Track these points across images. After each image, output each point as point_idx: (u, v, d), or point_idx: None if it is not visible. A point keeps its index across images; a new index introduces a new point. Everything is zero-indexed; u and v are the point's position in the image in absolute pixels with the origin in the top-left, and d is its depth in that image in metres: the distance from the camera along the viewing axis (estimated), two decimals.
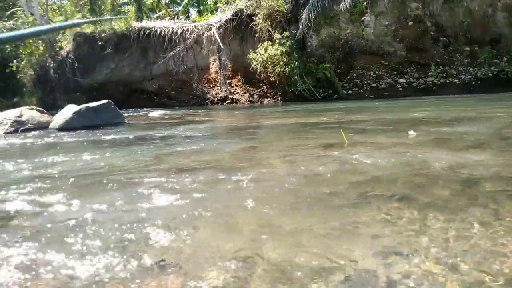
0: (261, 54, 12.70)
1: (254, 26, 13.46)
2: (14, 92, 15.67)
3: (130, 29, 14.54)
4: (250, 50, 13.22)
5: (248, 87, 14.26)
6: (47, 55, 14.93)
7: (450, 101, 8.69)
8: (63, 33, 15.11)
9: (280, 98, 13.36)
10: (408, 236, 1.39)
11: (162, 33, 14.33)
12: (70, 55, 14.66)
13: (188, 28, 14.32)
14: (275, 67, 12.44)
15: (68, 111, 6.50)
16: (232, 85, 14.53)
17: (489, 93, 9.78)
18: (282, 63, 12.35)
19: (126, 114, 8.27)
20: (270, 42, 12.85)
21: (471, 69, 11.60)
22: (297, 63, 12.34)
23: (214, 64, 14.69)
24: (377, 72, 12.56)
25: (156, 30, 14.43)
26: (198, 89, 14.47)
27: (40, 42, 14.73)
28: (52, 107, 10.62)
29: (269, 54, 12.50)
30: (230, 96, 14.26)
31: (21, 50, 14.95)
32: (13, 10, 17.97)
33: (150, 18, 17.77)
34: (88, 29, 14.72)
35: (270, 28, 13.15)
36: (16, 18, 16.30)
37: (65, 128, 6.15)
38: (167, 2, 22.91)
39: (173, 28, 14.38)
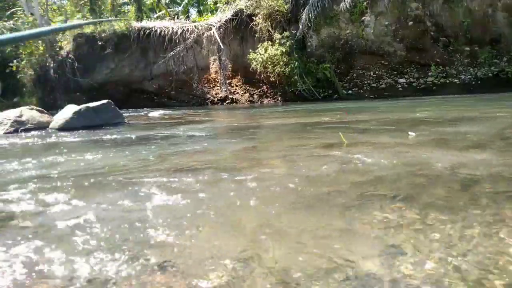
0: (261, 54, 12.70)
1: (254, 26, 13.46)
2: (14, 92, 15.66)
3: (130, 29, 14.55)
4: (250, 50, 13.23)
5: (248, 87, 14.26)
6: (47, 55, 14.92)
7: (450, 101, 8.69)
8: (63, 33, 15.10)
9: (280, 98, 13.36)
10: (410, 236, 1.39)
11: (162, 33, 14.33)
12: (70, 55, 14.66)
13: (188, 28, 14.32)
14: (275, 67, 12.44)
15: (68, 111, 6.50)
16: (232, 85, 14.53)
17: (489, 93, 9.79)
18: (282, 63, 12.35)
19: (126, 114, 8.26)
20: (270, 42, 12.85)
21: (471, 69, 11.61)
22: (297, 63, 12.34)
23: (214, 64, 14.69)
24: (377, 72, 12.56)
25: (156, 30, 14.44)
26: (198, 89, 14.47)
27: (40, 42, 14.73)
28: (52, 107, 10.62)
29: (269, 54, 12.50)
30: (230, 96, 14.26)
31: (21, 50, 14.95)
32: (13, 10, 17.96)
33: (150, 18, 17.78)
34: (88, 29, 14.72)
35: (270, 28, 13.15)
36: (16, 18, 16.30)
37: (65, 128, 6.15)
38: (167, 2, 22.92)
39: (173, 28, 14.38)
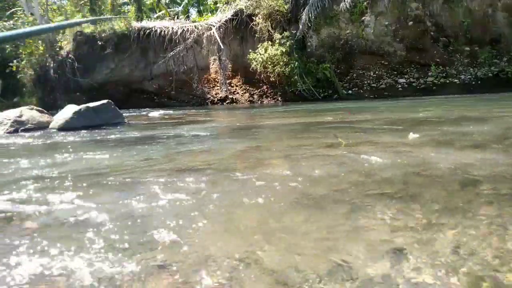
0: (261, 54, 12.70)
1: (254, 26, 13.46)
2: (14, 92, 15.65)
3: (130, 29, 14.54)
4: (250, 50, 13.22)
5: (248, 87, 14.26)
6: (47, 55, 14.91)
7: (450, 101, 8.69)
8: (63, 33, 15.10)
9: (280, 98, 13.36)
10: (412, 237, 1.39)
11: (162, 33, 14.33)
12: (70, 55, 14.64)
13: (188, 28, 14.32)
14: (275, 67, 12.44)
15: (68, 111, 6.50)
16: (232, 85, 14.53)
17: (489, 93, 9.79)
18: (282, 63, 12.35)
19: (126, 114, 8.26)
20: (270, 42, 12.85)
21: (471, 69, 11.61)
22: (297, 63, 12.34)
23: (214, 64, 14.69)
24: (377, 72, 12.57)
25: (156, 30, 14.43)
26: (198, 89, 14.47)
27: (40, 42, 14.72)
28: (52, 107, 10.61)
29: (269, 54, 12.50)
30: (230, 96, 14.26)
31: (21, 50, 14.94)
32: (13, 10, 17.95)
33: (150, 18, 17.76)
34: (88, 29, 14.72)
35: (270, 28, 13.15)
36: (16, 18, 16.28)
37: (65, 128, 6.14)
38: (167, 2, 22.91)
39: (173, 28, 14.38)
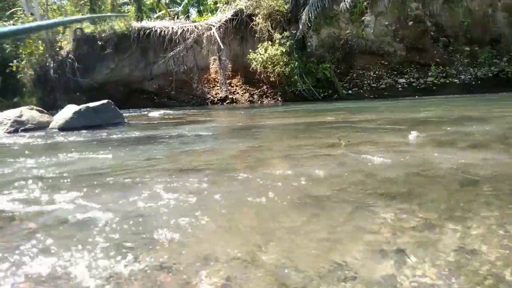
0: (261, 54, 12.70)
1: (254, 26, 13.46)
2: (14, 92, 15.65)
3: (130, 29, 14.54)
4: (250, 50, 13.22)
5: (248, 87, 14.25)
6: (47, 55, 14.91)
7: (451, 101, 8.69)
8: (63, 33, 15.10)
9: (280, 98, 13.36)
10: (413, 236, 1.39)
11: (162, 33, 14.33)
12: (70, 55, 14.65)
13: (188, 28, 14.32)
14: (275, 67, 12.44)
15: (68, 111, 6.50)
16: (232, 85, 14.53)
17: (489, 93, 9.79)
18: (282, 63, 12.35)
19: (126, 114, 8.25)
20: (270, 42, 12.85)
21: (471, 69, 11.61)
22: (297, 63, 12.34)
23: (214, 64, 14.69)
24: (377, 72, 12.57)
25: (156, 30, 14.43)
26: (198, 89, 14.47)
27: (40, 42, 14.72)
28: (52, 107, 10.61)
29: (269, 54, 12.50)
30: (230, 96, 14.25)
31: (21, 50, 14.94)
32: (13, 10, 17.94)
33: (150, 18, 17.76)
34: (88, 29, 14.72)
35: (270, 28, 13.15)
36: (16, 18, 16.27)
37: (65, 128, 6.15)
38: (167, 2, 22.91)
39: (173, 28, 14.38)
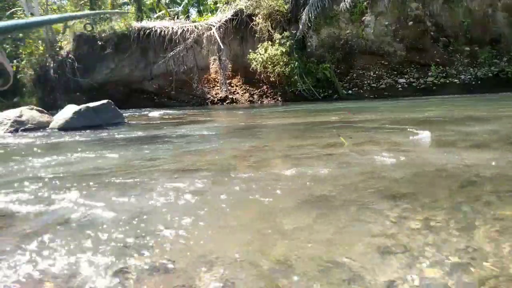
0: (261, 54, 12.70)
1: (254, 26, 13.46)
2: (14, 92, 15.66)
3: (130, 29, 14.55)
4: (250, 50, 13.23)
5: (248, 87, 14.26)
6: (47, 55, 14.93)
7: (451, 101, 8.69)
8: (63, 33, 15.10)
9: (280, 98, 13.37)
10: (416, 236, 1.39)
11: (162, 33, 14.34)
12: (70, 55, 14.66)
13: (188, 28, 14.32)
14: (275, 67, 12.44)
15: (68, 111, 6.50)
16: (232, 85, 14.54)
17: (489, 93, 9.79)
18: (282, 63, 12.35)
19: (126, 114, 8.26)
20: (270, 42, 12.86)
21: (471, 69, 11.62)
22: (297, 63, 12.34)
23: (214, 64, 14.70)
24: (377, 72, 12.57)
25: (156, 30, 14.44)
26: (198, 89, 14.47)
27: (40, 42, 14.73)
28: (52, 107, 10.62)
29: (269, 54, 12.50)
30: (230, 96, 14.26)
31: (21, 50, 14.96)
32: (13, 10, 17.95)
33: (150, 18, 17.77)
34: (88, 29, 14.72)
35: (270, 28, 13.16)
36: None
37: (65, 128, 6.15)
38: (167, 2, 22.91)
39: (173, 28, 14.38)
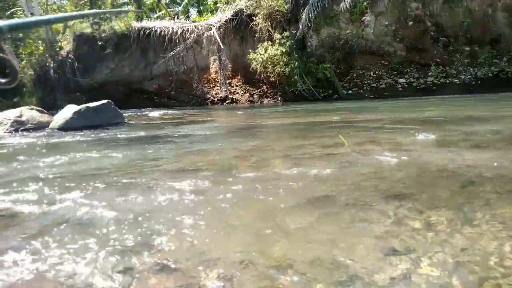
0: (261, 54, 12.70)
1: (254, 26, 13.46)
2: (14, 92, 15.64)
3: (130, 29, 14.55)
4: (250, 50, 13.23)
5: (248, 87, 14.26)
6: (47, 55, 14.92)
7: (451, 101, 8.69)
8: (63, 33, 15.10)
9: (280, 98, 13.36)
10: (417, 237, 1.39)
11: (162, 33, 14.33)
12: (70, 55, 14.65)
13: (188, 28, 14.32)
14: (275, 67, 12.44)
15: (68, 111, 6.50)
16: (232, 85, 14.53)
17: (489, 93, 9.79)
18: (282, 63, 12.35)
19: (126, 114, 8.25)
20: (270, 42, 12.85)
21: (471, 69, 11.61)
22: (297, 63, 12.34)
23: (214, 64, 14.69)
24: (377, 72, 12.57)
25: (156, 30, 14.43)
26: (198, 89, 14.47)
27: (40, 42, 14.72)
28: (52, 107, 10.61)
29: (269, 54, 12.50)
30: (230, 96, 14.26)
31: (21, 50, 14.94)
32: (13, 10, 17.94)
33: (150, 18, 17.76)
34: (88, 29, 14.71)
35: (270, 28, 13.16)
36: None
37: (65, 128, 6.15)
38: (167, 2, 22.90)
39: (173, 28, 14.38)
